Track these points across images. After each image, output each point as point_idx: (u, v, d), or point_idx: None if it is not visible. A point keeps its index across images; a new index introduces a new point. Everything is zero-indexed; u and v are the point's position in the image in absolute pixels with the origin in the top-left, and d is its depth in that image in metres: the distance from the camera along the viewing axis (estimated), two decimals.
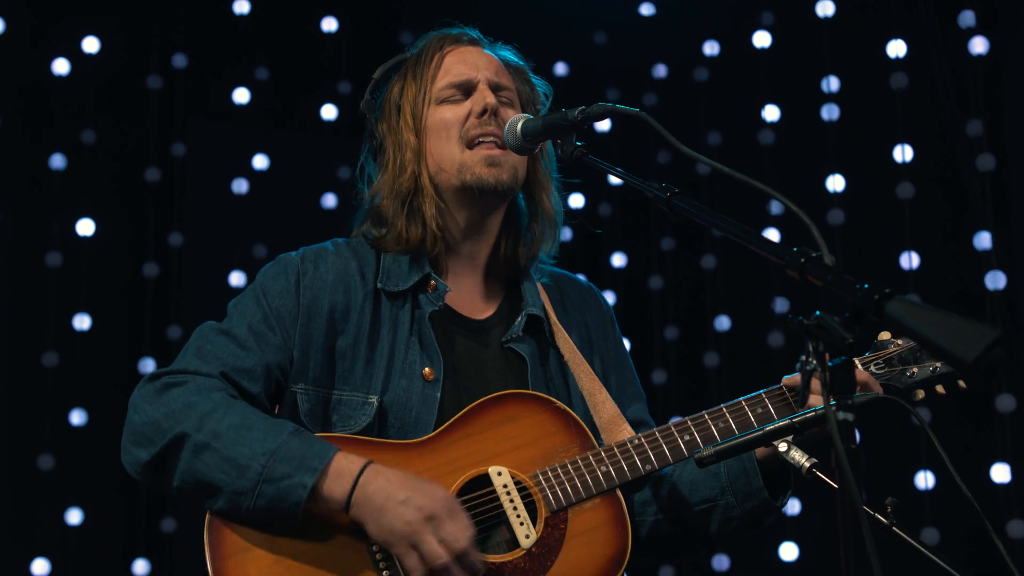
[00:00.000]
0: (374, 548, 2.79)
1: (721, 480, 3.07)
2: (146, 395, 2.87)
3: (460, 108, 3.09)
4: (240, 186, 6.55)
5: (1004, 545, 2.50)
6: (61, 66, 6.35)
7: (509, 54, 3.26)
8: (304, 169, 6.75)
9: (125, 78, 6.53)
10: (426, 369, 3.00)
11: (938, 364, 3.02)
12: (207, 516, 2.80)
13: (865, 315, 2.04)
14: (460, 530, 2.73)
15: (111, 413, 6.06)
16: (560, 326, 3.18)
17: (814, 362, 2.06)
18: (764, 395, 3.03)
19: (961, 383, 3.05)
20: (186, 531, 6.16)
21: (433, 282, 3.08)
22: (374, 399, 2.96)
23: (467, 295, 3.16)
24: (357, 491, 2.73)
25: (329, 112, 6.75)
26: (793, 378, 2.99)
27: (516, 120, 2.95)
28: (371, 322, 3.03)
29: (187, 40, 6.57)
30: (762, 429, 2.73)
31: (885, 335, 3.08)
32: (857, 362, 3.03)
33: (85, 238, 6.32)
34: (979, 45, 5.98)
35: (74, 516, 6.10)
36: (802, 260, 2.18)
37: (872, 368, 3.02)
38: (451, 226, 3.14)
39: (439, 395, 2.99)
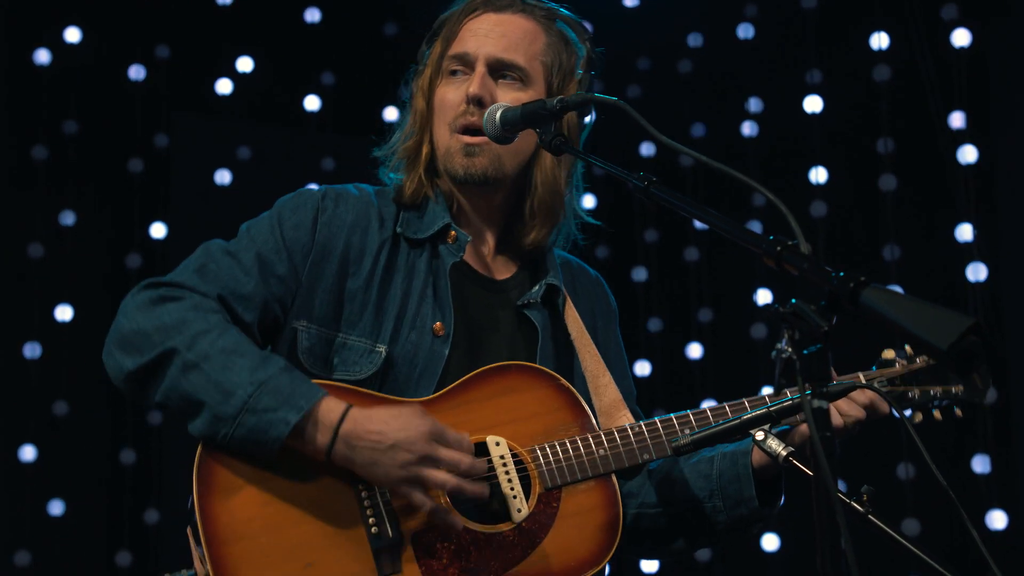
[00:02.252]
0: (361, 492, 2.77)
1: (712, 483, 3.05)
2: (139, 304, 2.81)
3: (458, 90, 3.05)
4: (223, 178, 6.55)
5: (984, 535, 2.51)
6: (43, 56, 6.33)
7: (542, 17, 3.12)
8: (288, 161, 6.74)
9: (108, 69, 6.51)
10: (437, 324, 2.97)
11: (940, 388, 3.03)
12: (198, 450, 2.75)
13: (840, 303, 2.05)
14: (457, 455, 2.73)
15: (94, 405, 6.12)
16: (572, 305, 3.16)
17: (789, 350, 2.06)
18: (767, 397, 3.00)
19: (958, 411, 3.05)
20: (170, 523, 6.15)
21: (454, 232, 3.05)
22: (382, 348, 2.93)
23: (487, 254, 3.14)
24: (338, 444, 2.70)
25: (313, 104, 6.74)
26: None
27: (496, 108, 2.91)
28: (385, 268, 2.99)
29: (170, 31, 6.55)
30: (739, 418, 2.74)
31: (889, 353, 3.07)
32: (861, 376, 3.03)
33: (68, 229, 6.30)
34: (962, 37, 5.99)
35: (56, 508, 6.09)
36: (778, 248, 2.18)
37: (875, 386, 2.99)
38: (458, 197, 3.12)
39: (447, 352, 2.96)
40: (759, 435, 2.75)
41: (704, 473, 3.08)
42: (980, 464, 5.65)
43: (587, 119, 3.17)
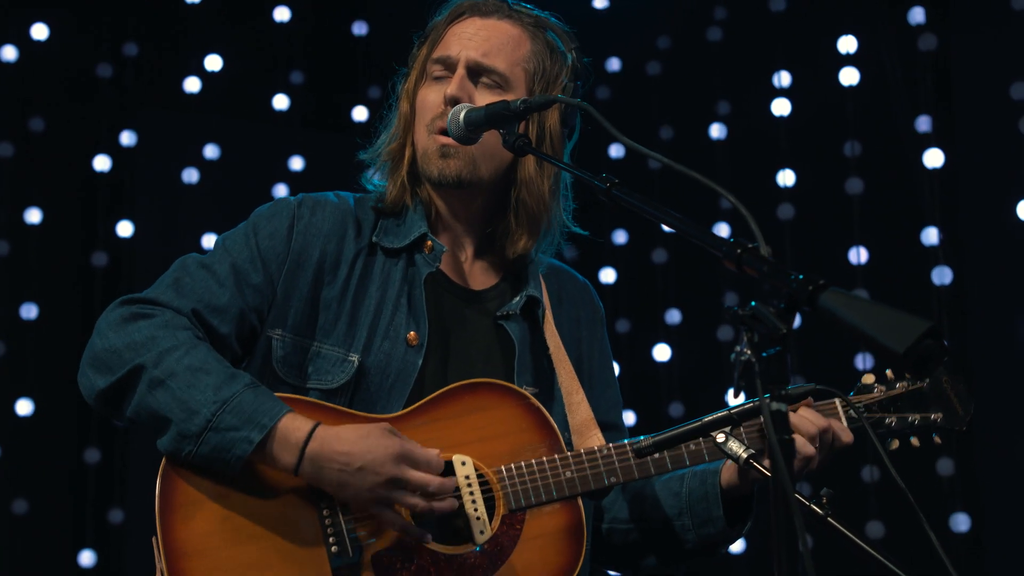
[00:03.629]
0: (323, 510, 2.77)
1: (681, 501, 3.05)
2: (113, 321, 2.81)
3: (438, 92, 3.02)
4: (191, 176, 6.51)
5: (948, 538, 2.52)
6: (9, 53, 6.28)
7: (529, 24, 3.11)
8: (255, 159, 6.72)
9: (75, 66, 6.48)
10: (411, 333, 2.95)
11: (917, 416, 3.02)
12: (161, 464, 2.75)
13: (799, 306, 2.05)
14: (424, 476, 2.71)
15: (58, 403, 6.08)
16: (551, 318, 3.13)
17: (748, 352, 2.06)
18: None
19: (937, 439, 3.05)
20: (134, 522, 6.12)
21: (430, 242, 3.02)
22: (355, 357, 2.91)
23: (465, 265, 3.11)
24: (304, 464, 2.69)
25: (281, 102, 6.71)
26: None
27: (460, 109, 2.90)
28: (361, 277, 2.98)
29: (138, 28, 6.52)
30: (700, 420, 2.74)
31: (869, 378, 3.05)
32: (838, 404, 3.00)
33: (33, 227, 6.27)
34: (928, 41, 6.02)
35: (20, 506, 6.05)
36: (738, 251, 2.19)
37: (851, 412, 2.99)
38: (435, 202, 3.10)
39: (420, 362, 2.94)
40: (720, 437, 2.75)
41: (674, 491, 3.08)
42: (944, 467, 5.68)
43: (573, 129, 3.17)
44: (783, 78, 6.40)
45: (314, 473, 2.70)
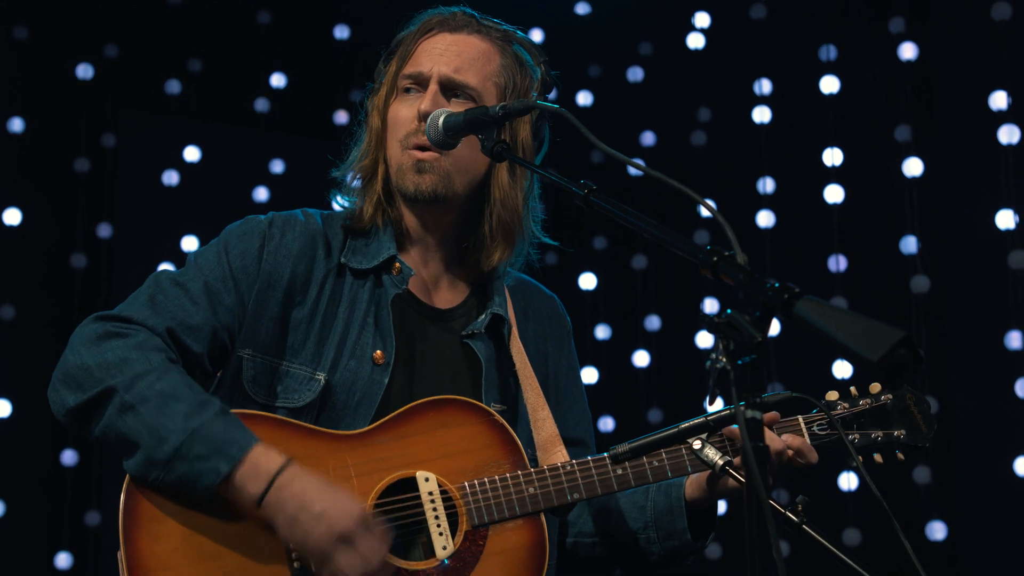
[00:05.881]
0: None
1: (647, 514, 3.07)
2: (86, 338, 2.80)
3: (411, 107, 3.04)
4: (171, 178, 6.51)
5: (925, 546, 2.53)
6: None
7: (497, 39, 3.12)
8: (236, 162, 6.71)
9: (55, 67, 6.46)
10: (377, 352, 2.96)
11: (881, 433, 3.01)
12: (126, 480, 2.74)
13: (775, 314, 2.06)
14: (373, 550, 2.70)
15: (36, 405, 6.04)
16: (517, 335, 3.14)
17: (723, 360, 2.07)
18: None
19: (900, 455, 3.05)
20: (111, 525, 6.09)
21: (398, 264, 3.03)
22: (321, 376, 2.92)
23: (432, 283, 3.12)
24: (271, 493, 2.68)
25: (262, 105, 6.71)
26: (731, 430, 2.92)
27: (438, 114, 2.90)
28: (330, 297, 2.98)
29: (119, 30, 6.51)
30: (676, 427, 2.74)
31: (833, 395, 3.05)
32: (801, 420, 3.00)
33: (12, 228, 6.24)
34: (908, 51, 6.04)
35: None
36: (714, 259, 2.19)
37: (815, 428, 2.99)
38: (406, 219, 3.11)
39: (387, 380, 2.95)
40: (696, 444, 2.76)
41: (639, 504, 3.09)
42: (920, 475, 5.69)
43: (543, 141, 3.18)
44: (764, 86, 6.42)
45: (275, 506, 2.69)
